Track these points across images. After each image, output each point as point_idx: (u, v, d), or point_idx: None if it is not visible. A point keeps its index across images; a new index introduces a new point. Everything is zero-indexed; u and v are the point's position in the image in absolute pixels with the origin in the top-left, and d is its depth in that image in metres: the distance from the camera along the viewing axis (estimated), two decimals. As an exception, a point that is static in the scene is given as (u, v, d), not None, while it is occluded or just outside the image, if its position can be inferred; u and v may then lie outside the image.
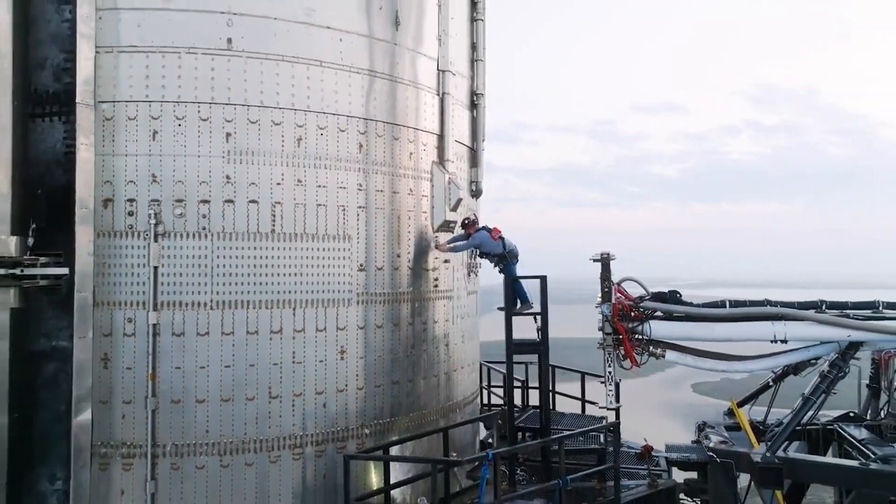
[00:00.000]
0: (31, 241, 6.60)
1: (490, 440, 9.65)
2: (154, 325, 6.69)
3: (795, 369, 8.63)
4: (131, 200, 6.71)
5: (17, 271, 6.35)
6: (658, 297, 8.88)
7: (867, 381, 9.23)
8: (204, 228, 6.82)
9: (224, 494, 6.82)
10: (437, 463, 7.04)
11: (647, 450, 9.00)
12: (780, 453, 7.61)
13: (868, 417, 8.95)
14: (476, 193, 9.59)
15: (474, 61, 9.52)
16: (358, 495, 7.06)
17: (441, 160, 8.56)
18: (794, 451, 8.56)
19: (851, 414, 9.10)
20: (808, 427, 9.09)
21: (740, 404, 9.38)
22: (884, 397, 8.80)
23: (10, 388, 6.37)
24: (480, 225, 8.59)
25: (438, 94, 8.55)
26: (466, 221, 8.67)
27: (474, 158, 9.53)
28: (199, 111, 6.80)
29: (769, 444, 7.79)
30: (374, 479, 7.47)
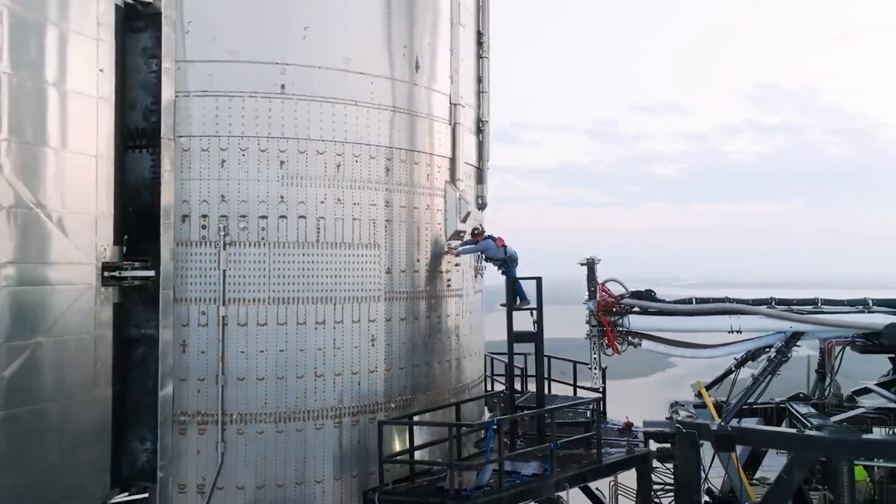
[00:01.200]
0: (124, 249, 8.20)
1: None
2: (223, 318, 8.27)
3: (752, 356, 10.19)
4: (204, 216, 8.29)
5: (117, 274, 7.95)
6: (636, 295, 10.47)
7: (816, 367, 10.80)
8: (262, 239, 8.40)
9: (279, 455, 8.39)
10: (453, 426, 8.63)
11: (628, 426, 10.58)
12: (734, 424, 9.18)
13: (815, 397, 10.52)
14: (482, 206, 11.16)
15: (480, 93, 11.10)
16: (387, 455, 8.65)
17: (453, 179, 10.13)
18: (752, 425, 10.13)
19: (801, 395, 10.67)
20: (765, 406, 10.68)
21: (708, 388, 10.94)
22: (828, 380, 10.37)
23: (112, 370, 7.96)
24: (487, 234, 10.16)
25: (450, 124, 10.12)
26: (475, 231, 10.24)
27: (480, 176, 11.11)
28: (258, 144, 8.39)
29: (725, 416, 9.37)
30: (398, 446, 9.05)
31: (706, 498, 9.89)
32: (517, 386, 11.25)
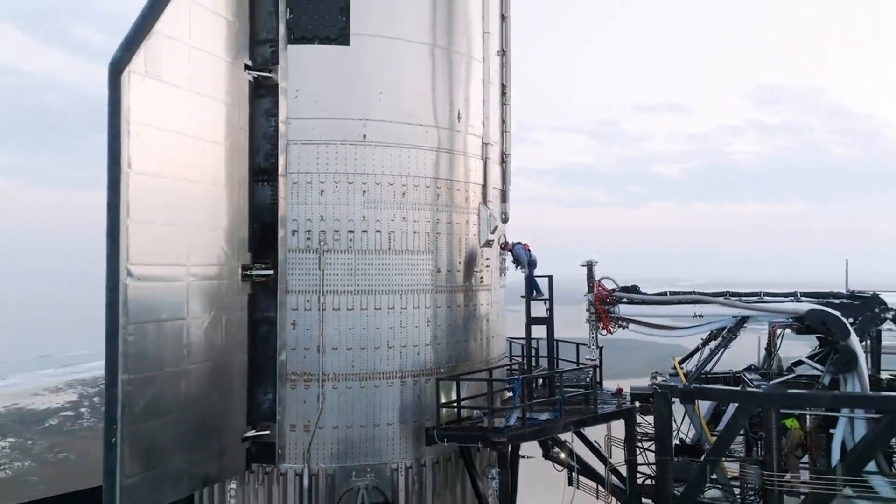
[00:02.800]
0: (251, 255, 11.35)
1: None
2: (322, 304, 11.40)
3: (714, 336, 13.27)
4: (308, 231, 11.43)
5: (250, 272, 11.10)
6: (624, 289, 13.58)
7: (765, 346, 13.88)
8: (349, 247, 11.53)
9: (361, 404, 11.50)
10: (489, 382, 11.75)
11: (619, 390, 13.70)
12: (695, 385, 12.28)
13: (763, 368, 13.59)
14: (505, 220, 14.24)
15: (504, 132, 14.17)
16: (442, 403, 11.74)
17: (484, 200, 13.23)
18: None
19: (752, 366, 13.74)
20: (725, 374, 13.77)
21: (681, 362, 14.02)
22: (773, 355, 13.44)
23: (247, 341, 11.13)
24: (515, 241, 13.31)
25: (482, 159, 13.23)
26: (504, 245, 13.37)
27: (504, 196, 14.18)
28: (347, 178, 11.53)
29: (688, 379, 12.47)
30: (445, 399, 12.12)
31: (677, 442, 12.98)
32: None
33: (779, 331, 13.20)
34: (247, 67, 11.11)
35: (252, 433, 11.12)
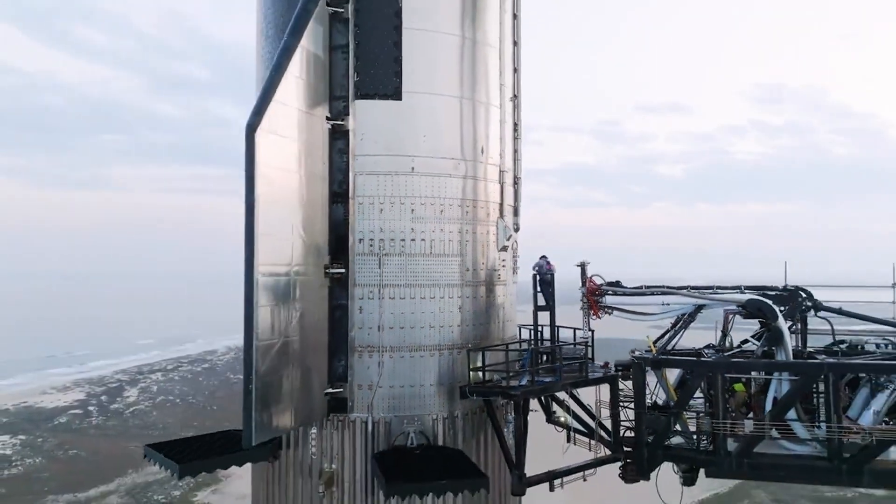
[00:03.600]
0: (329, 257, 15.15)
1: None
2: (381, 294, 15.18)
3: (679, 319, 17.02)
4: (371, 240, 15.20)
5: (328, 271, 14.91)
6: (610, 284, 17.36)
7: (721, 328, 17.62)
8: (402, 252, 15.31)
9: (410, 370, 15.27)
10: (506, 352, 15.56)
11: (606, 364, 17.49)
12: (662, 357, 16.07)
13: (718, 346, 17.35)
14: (517, 229, 18.01)
15: (516, 160, 17.97)
16: (471, 368, 15.52)
17: (501, 215, 17.01)
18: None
19: (710, 345, 17.51)
20: (688, 350, 17.52)
21: (655, 342, 17.78)
22: (727, 335, 17.21)
23: (327, 322, 14.95)
24: (542, 256, 17.06)
25: (499, 183, 17.00)
26: (538, 269, 17.03)
27: (516, 211, 17.94)
28: (400, 200, 15.32)
29: (657, 352, 16.27)
30: (472, 367, 15.90)
31: (651, 402, 16.75)
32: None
33: (731, 317, 16.96)
34: (327, 118, 14.95)
35: (330, 390, 14.95)
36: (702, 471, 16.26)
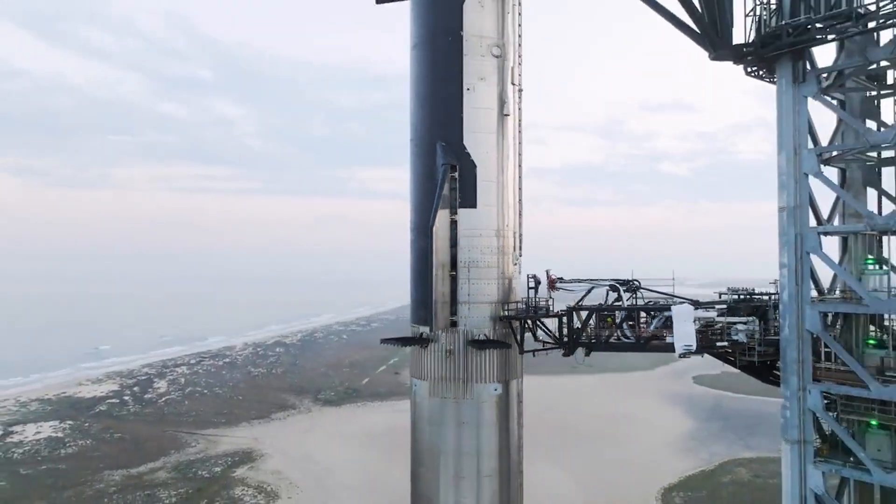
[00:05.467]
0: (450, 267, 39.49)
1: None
2: (469, 280, 39.50)
3: (587, 293, 41.27)
4: (462, 261, 39.57)
5: (450, 273, 39.34)
6: (559, 279, 41.77)
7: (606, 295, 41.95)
8: (476, 266, 39.67)
9: (480, 312, 39.74)
10: (517, 305, 40.13)
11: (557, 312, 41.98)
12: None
13: (604, 303, 41.67)
14: (520, 255, 42.33)
15: (519, 225, 42.26)
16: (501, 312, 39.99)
17: (514, 249, 41.40)
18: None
19: (600, 303, 41.82)
20: (593, 304, 41.93)
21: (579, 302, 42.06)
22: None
23: (451, 293, 39.41)
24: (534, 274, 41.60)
25: (512, 237, 41.34)
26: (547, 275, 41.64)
27: (520, 246, 42.29)
28: (474, 246, 39.66)
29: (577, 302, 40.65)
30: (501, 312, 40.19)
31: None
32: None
33: (607, 290, 41.20)
34: (451, 215, 39.25)
35: (450, 316, 39.32)
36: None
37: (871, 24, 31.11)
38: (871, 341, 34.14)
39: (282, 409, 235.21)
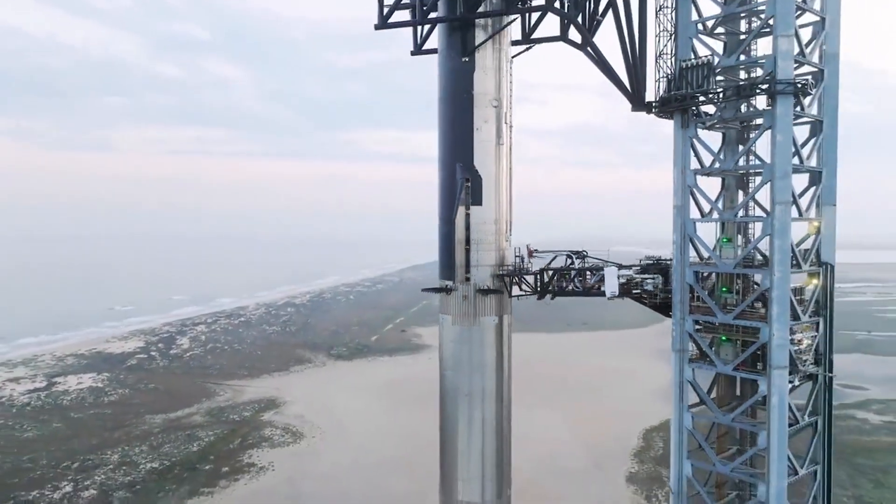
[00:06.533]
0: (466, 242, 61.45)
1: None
2: (477, 251, 61.45)
3: (553, 258, 63.14)
4: (473, 239, 61.44)
5: (465, 247, 61.34)
6: (536, 250, 63.68)
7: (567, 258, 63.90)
8: (481, 242, 61.60)
9: (484, 272, 61.76)
10: (506, 266, 62.32)
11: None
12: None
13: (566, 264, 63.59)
14: (511, 234, 64.12)
15: (510, 207, 63.99)
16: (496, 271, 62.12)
17: (506, 231, 63.23)
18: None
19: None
20: (560, 267, 63.96)
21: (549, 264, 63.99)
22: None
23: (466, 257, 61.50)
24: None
25: (505, 224, 63.07)
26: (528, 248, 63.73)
27: (510, 229, 64.06)
28: (481, 230, 61.50)
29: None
30: (499, 270, 62.21)
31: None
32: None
33: (565, 258, 63.09)
34: (466, 210, 60.89)
35: (465, 274, 61.36)
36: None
37: (721, 97, 52.43)
38: (724, 289, 56.19)
39: (299, 363, 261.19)
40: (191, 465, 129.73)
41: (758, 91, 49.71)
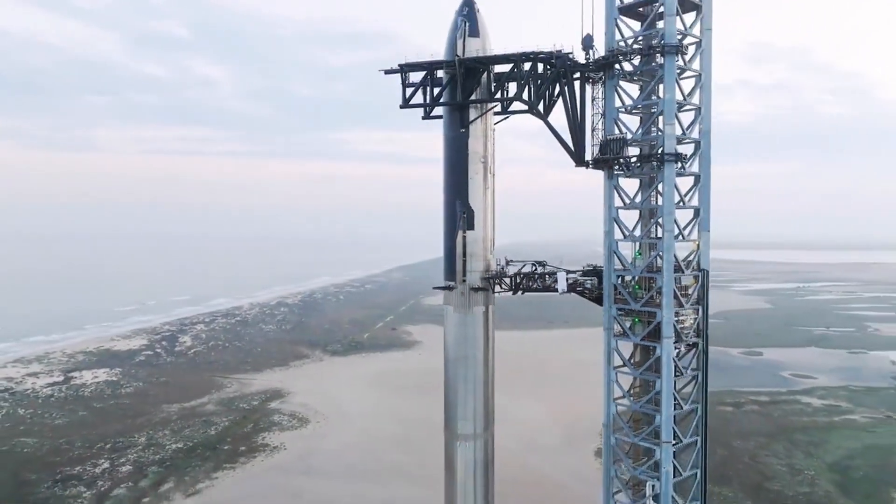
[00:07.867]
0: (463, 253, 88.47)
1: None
2: (466, 259, 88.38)
3: (523, 265, 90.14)
4: (467, 252, 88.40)
5: (462, 258, 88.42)
6: (511, 260, 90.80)
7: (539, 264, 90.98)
8: (473, 254, 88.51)
9: (477, 275, 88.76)
10: (492, 272, 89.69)
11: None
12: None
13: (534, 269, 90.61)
14: (494, 247, 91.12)
15: (493, 235, 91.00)
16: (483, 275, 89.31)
17: (490, 247, 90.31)
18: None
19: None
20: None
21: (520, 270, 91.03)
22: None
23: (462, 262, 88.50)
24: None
25: (490, 241, 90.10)
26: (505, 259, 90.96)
27: (493, 242, 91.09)
28: (473, 248, 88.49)
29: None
30: (489, 273, 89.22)
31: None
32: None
33: (531, 265, 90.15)
34: (462, 233, 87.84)
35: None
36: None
37: (630, 162, 79.91)
38: (636, 286, 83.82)
39: (297, 359, 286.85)
40: (211, 446, 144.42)
41: (653, 159, 77.42)
